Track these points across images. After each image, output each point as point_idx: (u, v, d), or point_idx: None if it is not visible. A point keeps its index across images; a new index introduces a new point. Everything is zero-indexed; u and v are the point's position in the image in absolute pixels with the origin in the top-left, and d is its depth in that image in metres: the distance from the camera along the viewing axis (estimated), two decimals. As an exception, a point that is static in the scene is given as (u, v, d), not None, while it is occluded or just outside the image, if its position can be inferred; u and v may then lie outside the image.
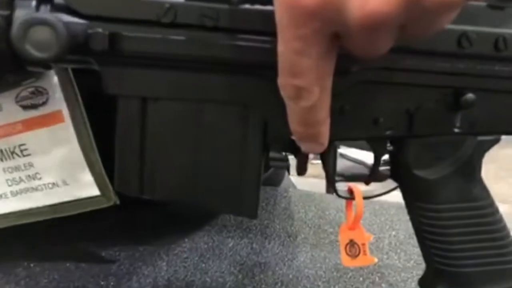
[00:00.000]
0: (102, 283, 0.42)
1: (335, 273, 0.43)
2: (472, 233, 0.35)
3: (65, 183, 0.40)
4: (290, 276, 0.43)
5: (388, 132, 0.32)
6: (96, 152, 0.38)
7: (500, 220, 0.35)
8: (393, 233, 0.51)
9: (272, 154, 0.35)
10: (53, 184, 0.40)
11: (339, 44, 0.23)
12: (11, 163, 0.38)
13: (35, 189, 0.40)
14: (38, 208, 0.40)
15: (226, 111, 0.30)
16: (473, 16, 0.31)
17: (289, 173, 0.70)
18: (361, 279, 0.43)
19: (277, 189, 0.63)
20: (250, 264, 0.45)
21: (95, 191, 0.40)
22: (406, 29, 0.22)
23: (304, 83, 0.23)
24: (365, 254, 0.35)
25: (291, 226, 0.53)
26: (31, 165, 0.39)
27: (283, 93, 0.25)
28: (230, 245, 0.49)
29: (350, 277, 0.43)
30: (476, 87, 0.32)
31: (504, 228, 0.35)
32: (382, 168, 0.36)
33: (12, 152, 0.38)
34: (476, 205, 0.34)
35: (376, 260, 0.35)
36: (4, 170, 0.38)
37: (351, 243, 0.35)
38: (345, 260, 0.35)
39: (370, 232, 0.53)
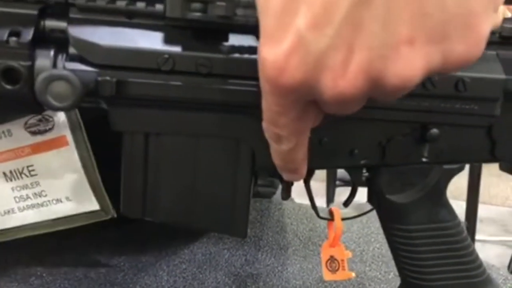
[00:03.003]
0: (108, 292, 0.47)
1: (321, 284, 0.47)
2: (439, 251, 0.38)
3: (68, 199, 0.44)
4: (280, 286, 0.47)
5: (363, 162, 0.36)
6: (96, 171, 0.42)
7: (465, 238, 0.39)
8: (377, 245, 0.55)
9: (260, 182, 0.39)
10: (57, 200, 0.44)
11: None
12: (19, 182, 0.43)
13: (41, 205, 0.44)
14: (41, 222, 0.45)
15: (219, 144, 0.35)
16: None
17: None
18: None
19: (272, 201, 0.67)
20: (243, 275, 0.49)
21: (95, 206, 0.44)
22: (372, 97, 0.25)
23: (283, 133, 0.27)
24: (344, 269, 0.39)
25: (283, 239, 0.57)
26: (37, 183, 0.43)
27: (266, 135, 0.29)
28: (226, 256, 0.53)
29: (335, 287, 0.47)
30: (441, 122, 0.36)
31: (469, 246, 0.39)
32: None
33: (21, 173, 0.42)
34: (443, 226, 0.38)
35: (353, 275, 0.39)
36: (12, 188, 0.43)
37: (332, 259, 0.39)
38: (326, 275, 0.39)
39: (356, 244, 0.57)
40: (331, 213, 0.39)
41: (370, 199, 0.39)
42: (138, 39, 0.32)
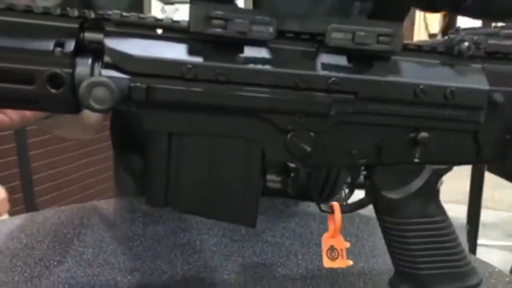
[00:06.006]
0: (129, 277, 0.51)
1: (319, 272, 0.52)
2: (429, 243, 0.43)
3: None
4: (284, 274, 0.52)
5: (361, 161, 0.41)
6: None
7: (452, 232, 0.44)
8: (374, 239, 0.59)
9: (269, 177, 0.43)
10: None
11: None
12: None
13: None
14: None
15: (233, 143, 0.39)
16: (430, 71, 0.39)
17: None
18: (341, 276, 0.51)
19: (275, 199, 0.72)
20: (251, 264, 0.54)
21: None
22: None
23: None
24: (342, 257, 0.43)
25: (286, 232, 0.62)
26: None
27: None
28: (235, 247, 0.57)
29: (334, 276, 0.51)
30: (431, 127, 0.40)
31: (456, 239, 0.44)
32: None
33: None
34: (432, 220, 0.43)
35: (351, 263, 0.43)
36: None
37: (332, 248, 0.43)
38: (326, 262, 0.43)
39: (356, 238, 0.61)
40: (331, 207, 0.43)
41: (367, 194, 0.44)
42: (165, 50, 0.36)
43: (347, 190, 0.47)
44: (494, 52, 0.40)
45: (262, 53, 0.37)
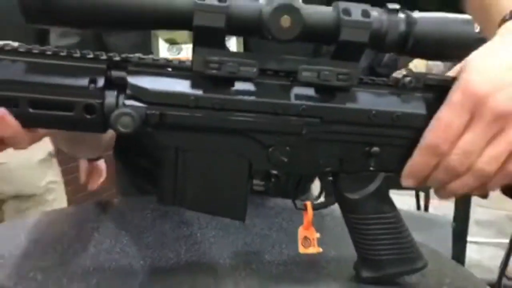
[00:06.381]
0: (141, 262, 0.62)
1: (298, 258, 0.62)
2: (383, 234, 0.53)
3: None
4: (269, 259, 0.62)
5: (327, 169, 0.52)
6: None
7: (403, 225, 0.54)
8: (341, 230, 0.70)
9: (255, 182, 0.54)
10: None
11: None
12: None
13: None
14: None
15: (226, 156, 0.50)
16: (380, 100, 0.50)
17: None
18: (316, 261, 0.62)
19: (265, 199, 0.83)
20: (243, 252, 0.65)
21: None
22: None
23: None
24: (314, 246, 0.54)
25: (272, 226, 0.72)
26: None
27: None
28: (230, 239, 0.68)
29: (310, 261, 0.62)
30: (381, 143, 0.51)
31: (405, 231, 0.54)
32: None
33: None
34: (385, 216, 0.53)
35: (321, 250, 0.54)
36: None
37: (305, 238, 0.54)
38: (301, 249, 0.54)
39: (331, 231, 0.72)
40: (305, 205, 0.54)
41: (334, 195, 0.54)
42: (174, 85, 0.47)
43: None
44: (431, 85, 0.50)
45: (248, 86, 0.48)
